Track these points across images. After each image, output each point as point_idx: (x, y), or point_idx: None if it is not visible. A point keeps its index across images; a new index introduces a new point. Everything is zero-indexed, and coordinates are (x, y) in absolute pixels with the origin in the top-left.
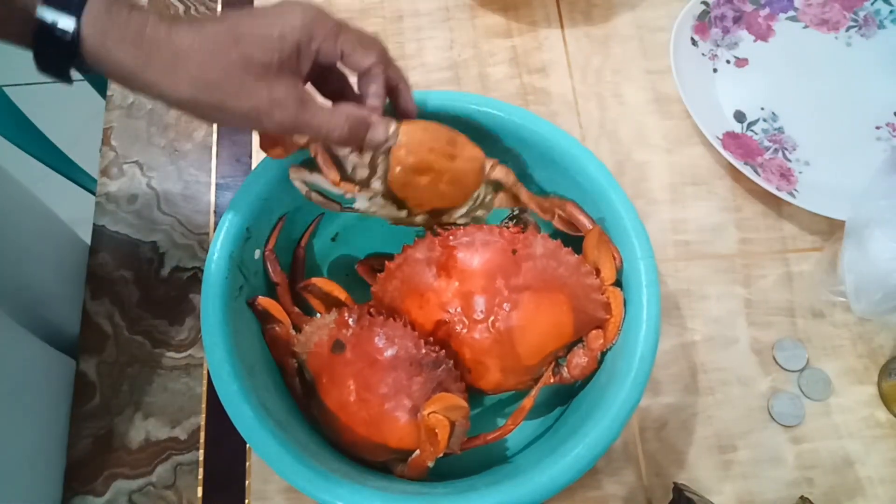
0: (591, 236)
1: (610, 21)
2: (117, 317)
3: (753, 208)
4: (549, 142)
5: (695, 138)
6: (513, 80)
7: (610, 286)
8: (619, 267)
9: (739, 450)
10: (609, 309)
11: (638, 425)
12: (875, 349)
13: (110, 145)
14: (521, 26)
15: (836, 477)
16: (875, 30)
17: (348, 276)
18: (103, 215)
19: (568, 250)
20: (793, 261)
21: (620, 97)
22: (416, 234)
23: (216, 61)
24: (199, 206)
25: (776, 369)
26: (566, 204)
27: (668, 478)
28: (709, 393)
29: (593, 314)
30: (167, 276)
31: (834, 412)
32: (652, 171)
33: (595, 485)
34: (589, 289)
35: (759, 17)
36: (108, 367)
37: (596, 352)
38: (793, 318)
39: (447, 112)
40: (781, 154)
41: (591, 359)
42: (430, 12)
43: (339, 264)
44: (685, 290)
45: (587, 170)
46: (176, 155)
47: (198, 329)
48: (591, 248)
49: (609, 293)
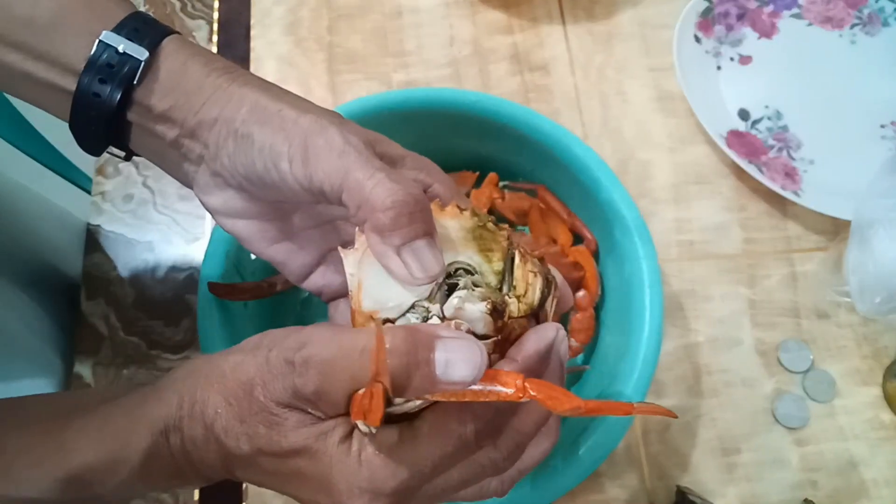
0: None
1: (612, 18)
2: (112, 318)
3: (757, 207)
4: (550, 140)
5: (698, 137)
6: (514, 77)
7: (571, 248)
8: (594, 250)
9: (743, 452)
10: (579, 266)
11: (641, 428)
12: (880, 350)
13: None
14: (523, 23)
15: (840, 479)
16: (879, 27)
17: None
18: (99, 214)
19: (520, 233)
20: (797, 261)
21: (623, 95)
22: None
23: None
24: (195, 206)
25: (780, 371)
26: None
27: (671, 481)
28: (712, 395)
29: (568, 276)
30: (163, 276)
31: (838, 414)
32: (655, 170)
33: (597, 488)
34: (553, 257)
35: (763, 15)
36: (103, 368)
37: (588, 308)
38: (797, 319)
39: (447, 110)
40: (786, 153)
41: (587, 316)
42: (430, 8)
43: None
44: (689, 290)
45: (589, 169)
46: None
47: (194, 330)
48: (536, 222)
49: (572, 253)
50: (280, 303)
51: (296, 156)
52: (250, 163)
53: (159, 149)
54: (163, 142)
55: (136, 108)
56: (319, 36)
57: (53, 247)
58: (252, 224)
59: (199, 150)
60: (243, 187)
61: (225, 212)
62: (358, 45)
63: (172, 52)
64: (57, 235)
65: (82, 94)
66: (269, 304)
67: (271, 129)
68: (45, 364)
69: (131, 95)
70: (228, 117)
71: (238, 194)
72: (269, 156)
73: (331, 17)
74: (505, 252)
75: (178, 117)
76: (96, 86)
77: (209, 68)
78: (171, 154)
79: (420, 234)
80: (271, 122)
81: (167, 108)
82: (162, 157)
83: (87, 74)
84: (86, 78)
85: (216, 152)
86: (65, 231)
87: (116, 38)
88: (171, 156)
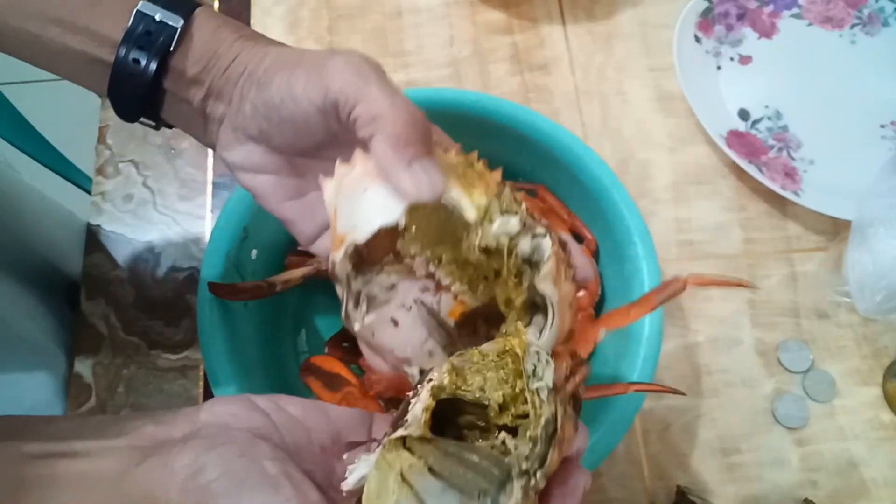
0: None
1: (612, 18)
2: (112, 318)
3: (757, 207)
4: (550, 140)
5: (698, 136)
6: (514, 77)
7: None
8: (594, 250)
9: (743, 452)
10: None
11: (641, 428)
12: (880, 350)
13: (106, 144)
14: (523, 23)
15: (840, 479)
16: (879, 27)
17: None
18: (99, 214)
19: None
20: (797, 261)
21: (623, 95)
22: None
23: None
24: (195, 206)
25: (780, 371)
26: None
27: (670, 480)
28: (712, 395)
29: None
30: (163, 276)
31: (838, 414)
32: (655, 170)
33: (597, 488)
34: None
35: (763, 15)
36: (103, 368)
37: (589, 308)
38: (797, 319)
39: (447, 110)
40: (786, 153)
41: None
42: (430, 8)
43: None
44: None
45: (589, 169)
46: (172, 154)
47: (194, 330)
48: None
49: None
50: (280, 303)
51: (311, 76)
52: (269, 99)
53: (187, 113)
54: (190, 106)
55: (170, 75)
56: (319, 36)
57: (55, 244)
58: (269, 179)
59: (223, 109)
60: (262, 134)
61: (245, 166)
62: (358, 45)
63: (205, 20)
64: (58, 234)
65: (121, 62)
66: (269, 304)
67: (290, 68)
68: (46, 359)
69: (167, 62)
70: (252, 70)
71: (257, 147)
72: (285, 86)
73: (331, 17)
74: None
75: (206, 79)
76: (135, 52)
77: (238, 34)
78: (197, 118)
79: (430, 151)
80: (291, 65)
81: (199, 71)
82: (188, 121)
83: (125, 44)
84: (124, 47)
85: (239, 105)
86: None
87: (153, 7)
88: (197, 119)
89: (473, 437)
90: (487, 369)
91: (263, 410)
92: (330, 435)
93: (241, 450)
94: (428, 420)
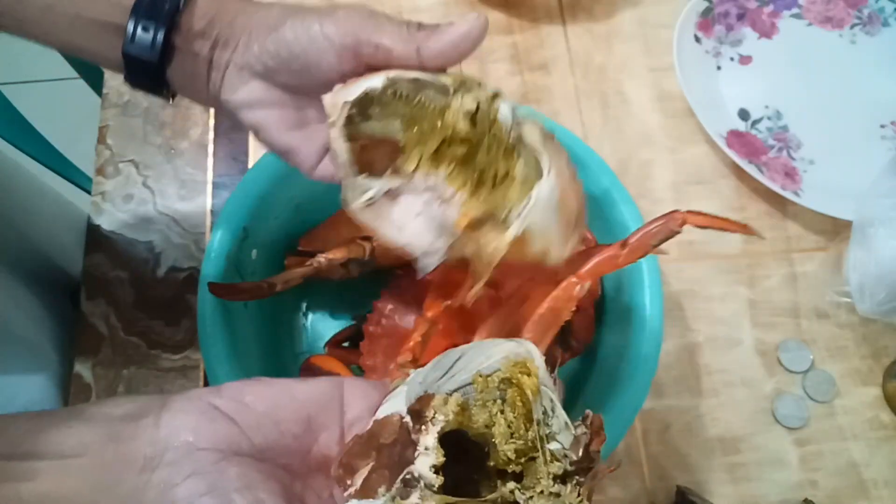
0: None
1: (612, 18)
2: (113, 318)
3: (758, 208)
4: None
5: (698, 136)
6: (514, 77)
7: None
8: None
9: (743, 452)
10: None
11: (641, 428)
12: (879, 350)
13: (106, 144)
14: (523, 23)
15: (840, 479)
16: (879, 27)
17: None
18: (99, 215)
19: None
20: (797, 261)
21: (623, 95)
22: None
23: None
24: (195, 206)
25: (780, 371)
26: None
27: (671, 481)
28: (712, 395)
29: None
30: (163, 276)
31: (838, 414)
32: (655, 170)
33: (598, 488)
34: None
35: (763, 15)
36: (103, 368)
37: (589, 308)
38: (797, 319)
39: None
40: (786, 153)
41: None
42: (430, 8)
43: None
44: (689, 290)
45: (590, 169)
46: (172, 154)
47: (194, 330)
48: None
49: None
50: (280, 303)
51: (326, 19)
52: (280, 37)
53: (192, 67)
54: (197, 58)
55: (179, 31)
56: None
57: (55, 243)
58: (272, 111)
59: (228, 56)
60: (268, 71)
61: (248, 103)
62: None
63: None
64: (59, 232)
65: (134, 24)
66: (268, 304)
67: (301, 14)
68: (44, 359)
69: (177, 21)
70: (261, 17)
71: (261, 83)
72: (300, 25)
73: None
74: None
75: (213, 31)
76: (146, 12)
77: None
78: (202, 69)
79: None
80: (302, 12)
81: (205, 24)
82: (194, 75)
83: (137, 7)
84: (136, 10)
85: (246, 46)
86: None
87: None
88: (201, 70)
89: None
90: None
91: (227, 415)
92: (300, 422)
93: (207, 484)
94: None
